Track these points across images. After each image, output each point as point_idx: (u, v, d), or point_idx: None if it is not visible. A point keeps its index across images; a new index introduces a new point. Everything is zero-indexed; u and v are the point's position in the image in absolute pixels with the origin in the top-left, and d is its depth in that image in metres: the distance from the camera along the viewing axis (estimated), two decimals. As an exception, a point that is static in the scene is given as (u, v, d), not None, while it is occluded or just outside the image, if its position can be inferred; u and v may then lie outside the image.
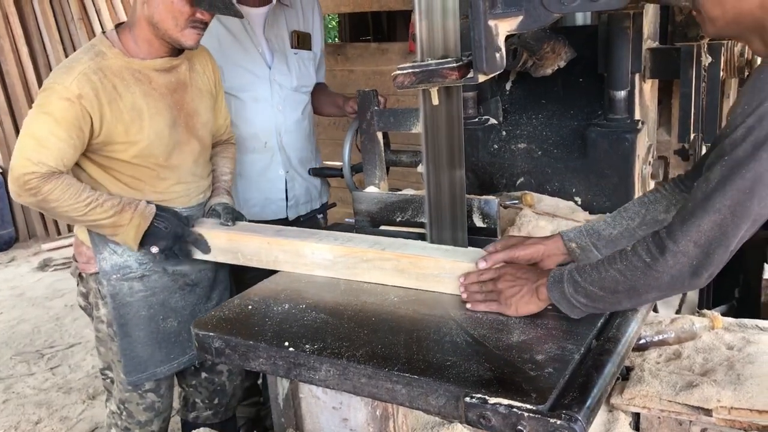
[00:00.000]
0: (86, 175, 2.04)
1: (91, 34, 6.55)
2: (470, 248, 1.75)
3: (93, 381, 3.67)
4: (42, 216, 6.42)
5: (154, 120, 2.02)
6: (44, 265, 5.62)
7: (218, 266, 2.26)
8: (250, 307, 1.67)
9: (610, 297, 1.39)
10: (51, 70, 2.08)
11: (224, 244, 2.03)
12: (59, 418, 3.38)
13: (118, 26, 2.06)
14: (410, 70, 1.56)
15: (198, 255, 2.09)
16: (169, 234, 2.02)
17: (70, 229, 6.48)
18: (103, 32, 2.07)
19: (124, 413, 2.28)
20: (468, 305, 1.56)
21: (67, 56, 6.32)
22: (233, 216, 2.13)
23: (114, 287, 2.11)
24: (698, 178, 1.35)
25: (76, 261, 2.24)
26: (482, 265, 1.62)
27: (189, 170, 2.17)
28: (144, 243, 2.03)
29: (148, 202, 2.04)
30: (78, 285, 2.30)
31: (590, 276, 1.41)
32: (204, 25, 2.00)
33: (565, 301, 1.44)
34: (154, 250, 2.04)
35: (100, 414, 3.32)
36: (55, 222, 6.48)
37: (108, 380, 2.32)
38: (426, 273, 1.69)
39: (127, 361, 2.16)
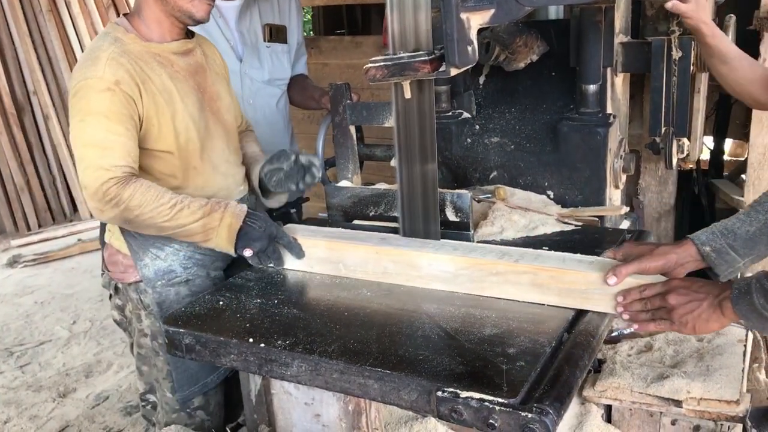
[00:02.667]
0: None
1: (61, 27, 6.43)
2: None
3: (63, 379, 3.62)
4: (11, 211, 6.31)
5: (186, 102, 1.91)
6: (13, 262, 5.52)
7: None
8: (221, 302, 1.65)
9: None
10: (19, 63, 1.98)
11: (323, 253, 1.81)
12: (28, 417, 3.33)
13: (126, 15, 1.96)
14: (382, 64, 1.55)
15: (290, 262, 1.87)
16: (264, 234, 1.82)
17: (40, 224, 6.39)
18: (114, 22, 1.95)
19: None
20: (634, 326, 1.43)
21: (36, 50, 6.28)
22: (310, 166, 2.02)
23: (160, 294, 1.96)
24: None
25: (109, 271, 2.08)
26: (612, 281, 1.46)
27: (222, 157, 2.03)
28: (237, 246, 1.83)
29: (239, 202, 1.90)
30: (111, 298, 2.15)
31: None
32: None
33: (755, 314, 1.29)
34: (248, 253, 1.83)
35: (71, 412, 3.28)
36: (25, 218, 6.37)
37: (149, 406, 2.17)
38: (571, 288, 1.52)
39: (178, 375, 1.99)
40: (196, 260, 1.99)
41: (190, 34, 2.02)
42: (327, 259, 1.80)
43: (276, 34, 2.75)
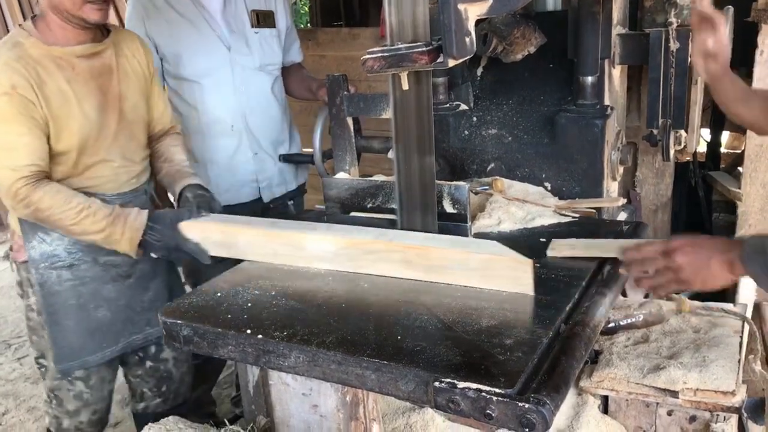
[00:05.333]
0: None
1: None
2: (483, 240, 1.71)
3: (61, 371, 3.62)
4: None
5: (82, 104, 2.01)
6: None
7: (155, 259, 2.18)
8: (219, 294, 1.65)
9: None
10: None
11: (218, 237, 1.91)
12: (26, 409, 3.34)
13: (34, 18, 2.06)
14: (380, 55, 1.55)
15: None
16: (162, 247, 1.98)
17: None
18: (20, 24, 2.07)
19: (54, 401, 2.30)
20: (636, 286, 1.40)
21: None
22: (207, 199, 2.12)
23: (42, 276, 2.10)
24: None
25: (11, 250, 2.25)
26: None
27: (119, 154, 2.14)
28: (140, 253, 2.02)
29: (141, 211, 2.01)
30: (14, 273, 2.31)
31: None
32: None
33: (767, 274, 1.27)
34: (154, 256, 2.04)
35: (69, 404, 3.29)
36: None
37: (43, 369, 2.33)
38: (435, 264, 1.61)
39: (57, 350, 2.15)
40: (81, 247, 2.10)
41: (102, 35, 2.12)
42: (222, 243, 1.89)
43: (263, 19, 2.75)
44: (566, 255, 1.70)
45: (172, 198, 2.29)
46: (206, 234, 1.92)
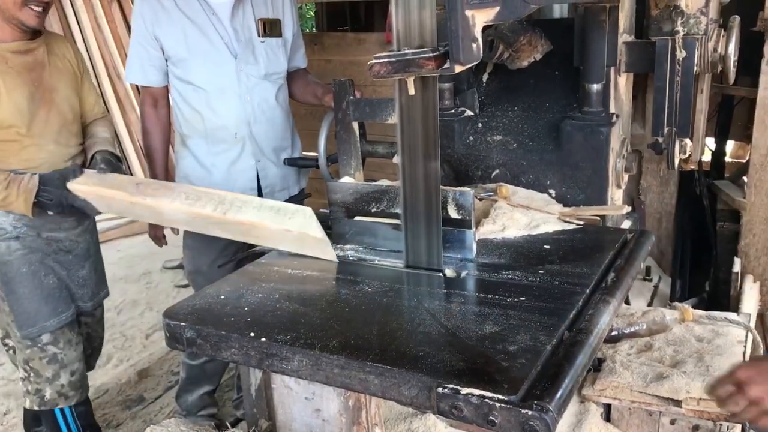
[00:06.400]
0: None
1: (64, 20, 6.41)
2: (301, 207, 1.91)
3: (63, 371, 3.62)
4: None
5: (11, 95, 2.28)
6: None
7: (90, 240, 2.60)
8: (222, 297, 1.65)
9: None
10: None
11: (94, 200, 2.25)
12: (28, 409, 3.33)
13: None
14: (386, 60, 1.55)
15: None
16: (54, 204, 2.27)
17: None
18: None
19: (32, 374, 2.46)
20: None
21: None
22: (112, 162, 2.40)
23: None
24: None
25: None
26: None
27: (52, 139, 2.40)
28: (34, 212, 2.29)
29: (33, 175, 2.28)
30: None
31: None
32: (41, 5, 2.25)
33: None
34: (51, 213, 2.33)
35: (70, 405, 3.28)
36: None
37: (11, 351, 2.57)
38: (259, 236, 1.90)
39: (17, 317, 2.38)
40: (25, 221, 2.36)
41: (36, 36, 2.38)
42: (103, 205, 2.25)
43: (270, 28, 2.75)
44: None
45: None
46: (88, 196, 2.25)
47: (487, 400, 1.18)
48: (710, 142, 3.35)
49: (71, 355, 2.51)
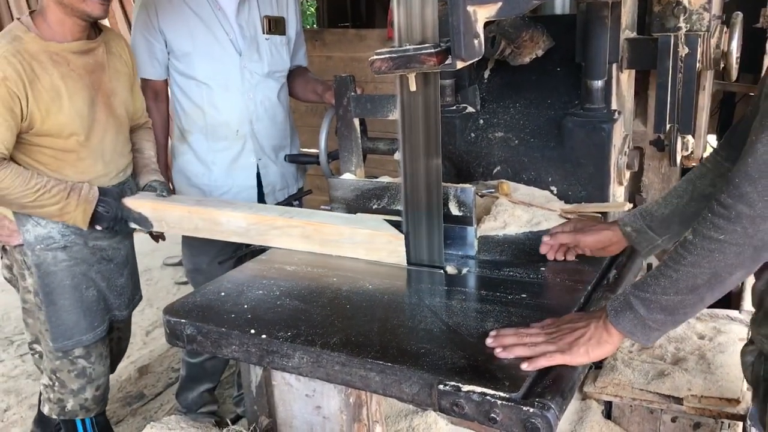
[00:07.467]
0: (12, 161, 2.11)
1: None
2: (375, 216, 1.92)
3: (64, 368, 3.62)
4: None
5: (73, 99, 2.11)
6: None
7: (129, 246, 2.47)
8: (223, 294, 1.65)
9: (691, 297, 1.23)
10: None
11: (149, 213, 2.20)
12: (28, 406, 3.34)
13: (32, 13, 2.14)
14: (388, 56, 1.54)
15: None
16: (110, 217, 2.20)
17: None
18: (18, 18, 2.14)
19: (57, 383, 2.36)
20: (524, 365, 1.26)
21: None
22: (168, 191, 2.31)
23: (38, 257, 2.21)
24: (730, 146, 1.35)
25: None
26: (546, 239, 1.70)
27: (110, 148, 2.27)
28: (91, 222, 2.19)
29: (92, 186, 2.19)
30: (2, 258, 2.40)
31: (659, 285, 1.25)
32: None
33: (639, 326, 1.27)
34: (99, 228, 2.22)
35: (71, 401, 3.29)
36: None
37: (36, 355, 2.44)
38: (329, 239, 1.83)
39: (53, 328, 2.27)
40: (73, 230, 2.23)
41: (95, 33, 2.23)
42: (153, 218, 2.19)
43: (275, 25, 2.75)
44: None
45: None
46: (142, 210, 2.21)
47: (488, 397, 1.18)
48: (712, 139, 3.34)
49: (99, 370, 2.42)
